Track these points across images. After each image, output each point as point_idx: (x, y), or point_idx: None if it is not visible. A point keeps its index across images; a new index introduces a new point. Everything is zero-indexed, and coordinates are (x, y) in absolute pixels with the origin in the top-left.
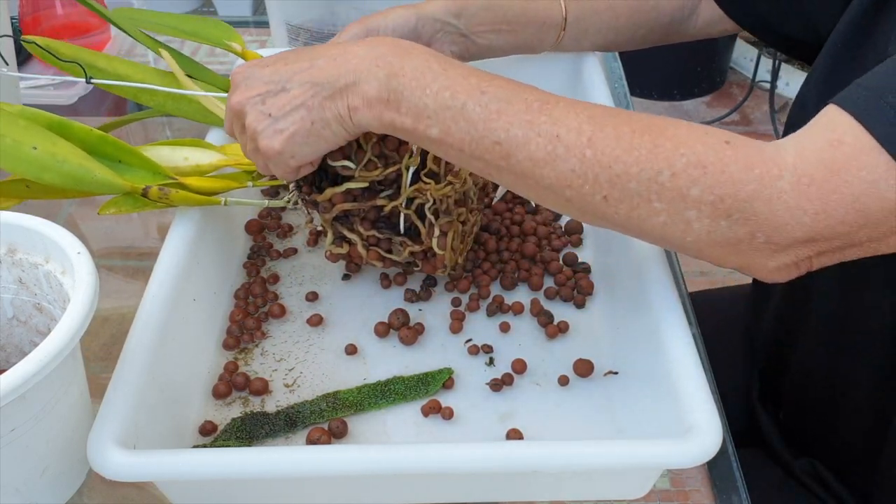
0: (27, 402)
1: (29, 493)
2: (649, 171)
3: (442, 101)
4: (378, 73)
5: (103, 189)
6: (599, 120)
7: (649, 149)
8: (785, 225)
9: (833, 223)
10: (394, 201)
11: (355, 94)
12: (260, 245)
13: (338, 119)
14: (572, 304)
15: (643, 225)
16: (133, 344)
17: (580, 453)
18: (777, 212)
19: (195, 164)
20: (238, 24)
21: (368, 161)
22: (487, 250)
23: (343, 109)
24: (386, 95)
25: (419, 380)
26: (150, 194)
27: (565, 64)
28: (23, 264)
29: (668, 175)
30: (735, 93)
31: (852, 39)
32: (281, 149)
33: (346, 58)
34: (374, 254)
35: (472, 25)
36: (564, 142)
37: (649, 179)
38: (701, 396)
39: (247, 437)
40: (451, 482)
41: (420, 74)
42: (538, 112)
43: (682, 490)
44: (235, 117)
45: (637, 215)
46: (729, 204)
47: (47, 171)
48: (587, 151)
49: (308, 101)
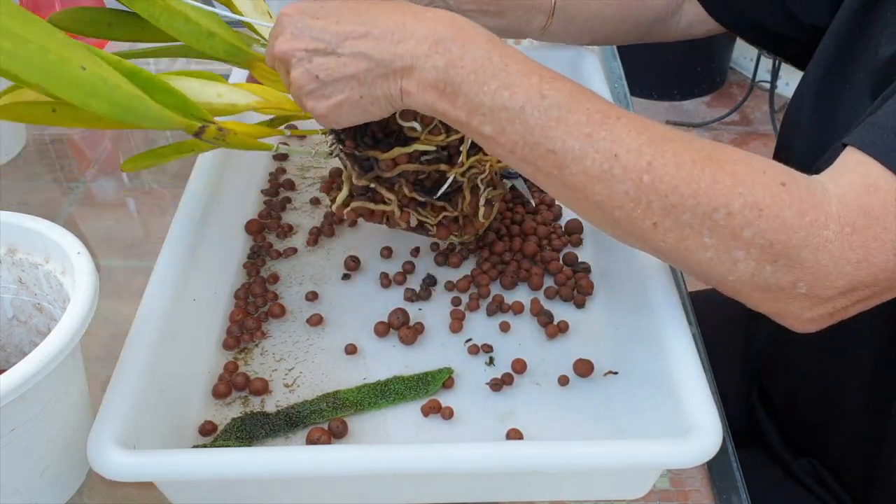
0: (27, 402)
1: (29, 493)
2: (706, 207)
3: (500, 100)
4: (437, 61)
5: (155, 124)
6: (660, 144)
7: (709, 184)
8: (828, 275)
9: (875, 270)
10: (455, 168)
11: (410, 78)
12: (260, 245)
13: (388, 98)
14: (572, 304)
15: (688, 256)
16: (133, 344)
17: (580, 453)
18: (822, 261)
19: (230, 103)
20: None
21: (434, 126)
22: (493, 251)
23: (395, 91)
24: (443, 86)
25: (419, 380)
26: (207, 134)
27: (565, 63)
28: (23, 264)
29: (724, 213)
30: (735, 93)
31: (845, 41)
32: (325, 113)
33: (404, 35)
34: (405, 215)
35: (462, 3)
36: (623, 162)
37: (704, 214)
38: (701, 396)
39: (247, 437)
40: (451, 482)
41: (480, 67)
42: (598, 125)
43: (682, 490)
44: (280, 62)
45: (685, 246)
46: (778, 249)
47: (96, 98)
48: (645, 176)
49: (360, 74)
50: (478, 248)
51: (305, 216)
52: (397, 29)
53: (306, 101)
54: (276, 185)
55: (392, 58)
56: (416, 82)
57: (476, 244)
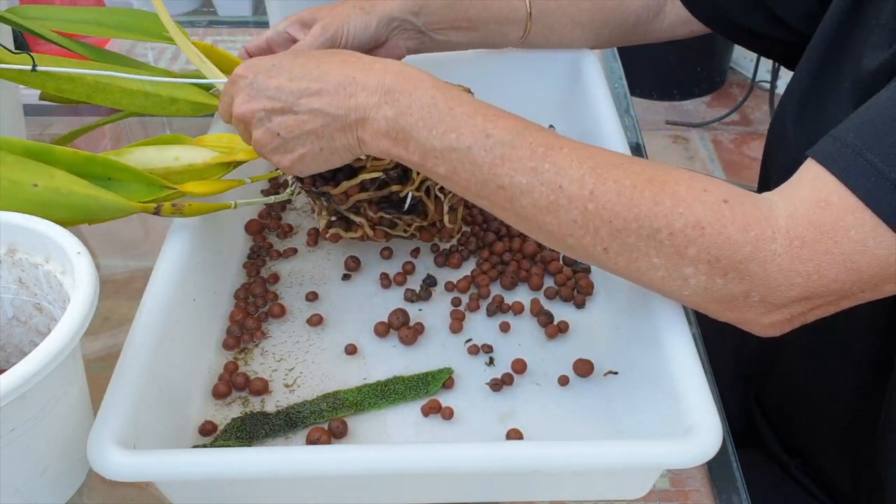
0: (27, 402)
1: (29, 493)
2: (648, 229)
3: (448, 142)
4: (387, 111)
5: (114, 214)
6: (602, 171)
7: (649, 206)
8: (779, 286)
9: (826, 282)
10: (407, 186)
11: (364, 129)
12: (260, 245)
13: (347, 147)
14: (572, 304)
15: (642, 277)
16: (133, 344)
17: (580, 453)
18: (771, 273)
19: (188, 164)
20: (238, 25)
21: None
22: (493, 251)
23: (353, 141)
24: (395, 134)
25: (419, 380)
26: (163, 212)
27: (565, 64)
28: (23, 264)
29: (666, 234)
30: (735, 93)
31: (829, 50)
32: (290, 165)
33: (355, 89)
34: (379, 232)
35: (431, 23)
36: (567, 193)
37: (648, 237)
38: (701, 396)
39: (247, 437)
40: (451, 482)
41: (427, 114)
42: (542, 159)
43: (682, 490)
44: (239, 121)
45: (636, 268)
46: (725, 264)
47: (54, 208)
48: (589, 205)
49: (318, 129)
50: (478, 248)
51: (305, 216)
52: (348, 83)
53: (270, 156)
54: (276, 186)
55: (346, 112)
56: (370, 132)
57: (476, 244)
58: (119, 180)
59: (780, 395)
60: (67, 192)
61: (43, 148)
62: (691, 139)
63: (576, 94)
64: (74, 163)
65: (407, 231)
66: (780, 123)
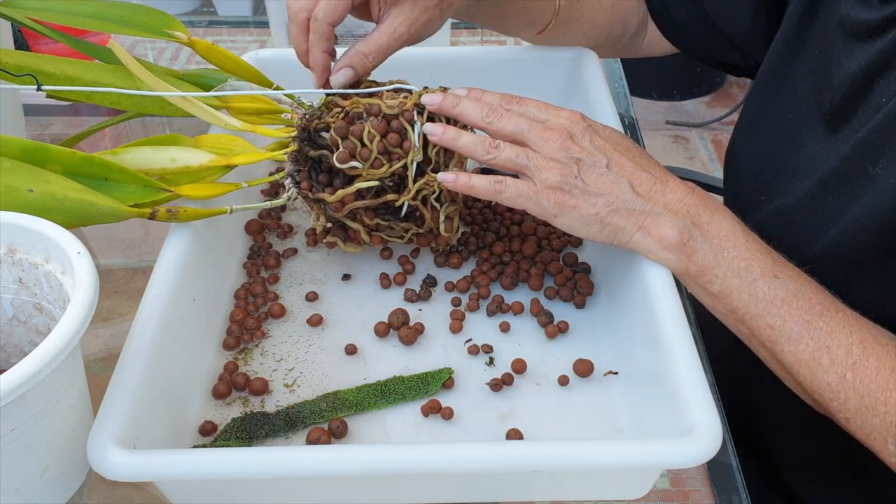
0: (27, 402)
1: (29, 493)
2: (894, 416)
3: (735, 268)
4: (685, 220)
5: (109, 219)
6: (869, 345)
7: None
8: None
9: None
10: (403, 195)
11: (656, 223)
12: (260, 245)
13: (618, 229)
14: (572, 304)
15: (877, 454)
16: (133, 344)
17: (580, 453)
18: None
19: (184, 166)
20: (238, 25)
21: (375, 159)
22: (493, 252)
23: (633, 227)
24: (685, 240)
25: (419, 380)
26: (159, 217)
27: (565, 64)
28: (23, 264)
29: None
30: (735, 93)
31: (772, 84)
32: (555, 205)
33: (665, 188)
34: (376, 238)
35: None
36: (832, 355)
37: (891, 424)
38: (701, 396)
39: (247, 437)
40: (451, 482)
41: (724, 235)
42: (818, 315)
43: (682, 490)
44: (549, 159)
45: (871, 445)
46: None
47: (50, 213)
48: (848, 374)
49: (611, 196)
50: (477, 248)
51: (305, 216)
52: (661, 179)
53: (549, 192)
54: (276, 186)
55: (647, 200)
56: (660, 228)
57: (476, 245)
58: (115, 181)
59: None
60: (63, 198)
61: (39, 147)
62: (691, 139)
63: (576, 94)
64: (71, 163)
65: (403, 237)
66: (732, 160)
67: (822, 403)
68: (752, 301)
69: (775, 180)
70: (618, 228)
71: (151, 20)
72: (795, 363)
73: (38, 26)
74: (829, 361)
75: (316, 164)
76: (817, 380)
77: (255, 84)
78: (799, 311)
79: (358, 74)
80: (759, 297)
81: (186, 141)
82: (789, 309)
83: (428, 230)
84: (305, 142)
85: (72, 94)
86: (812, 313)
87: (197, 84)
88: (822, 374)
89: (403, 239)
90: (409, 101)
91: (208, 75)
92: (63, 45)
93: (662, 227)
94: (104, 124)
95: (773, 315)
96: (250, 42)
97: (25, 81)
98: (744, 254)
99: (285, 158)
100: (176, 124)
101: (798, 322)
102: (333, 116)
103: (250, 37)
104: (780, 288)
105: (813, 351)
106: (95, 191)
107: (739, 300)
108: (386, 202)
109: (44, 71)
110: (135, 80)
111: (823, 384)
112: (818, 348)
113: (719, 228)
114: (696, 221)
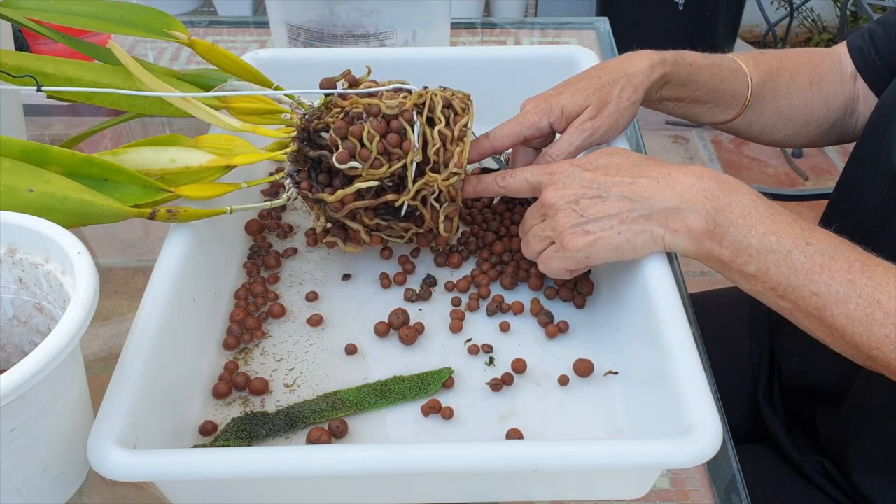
0: (27, 402)
1: (29, 493)
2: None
3: (767, 244)
4: (706, 205)
5: (109, 219)
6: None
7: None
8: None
9: None
10: (403, 195)
11: (678, 219)
12: (260, 245)
13: (651, 238)
14: (572, 304)
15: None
16: (133, 344)
17: (580, 453)
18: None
19: (184, 166)
20: (238, 25)
21: (374, 159)
22: (493, 251)
23: (658, 230)
24: (711, 227)
25: (419, 380)
26: (159, 217)
27: (562, 63)
28: (23, 264)
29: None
30: None
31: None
32: (581, 247)
33: (671, 182)
34: (376, 238)
35: (663, 93)
36: (884, 308)
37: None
38: (701, 396)
39: (247, 437)
40: (451, 482)
41: (747, 213)
42: (860, 273)
43: (682, 490)
44: (545, 208)
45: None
46: None
47: (50, 213)
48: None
49: (622, 213)
50: (477, 248)
51: (305, 216)
52: (662, 177)
53: (566, 236)
54: (276, 186)
55: (657, 199)
56: (684, 222)
57: (476, 244)
58: (115, 181)
59: (788, 389)
60: (63, 198)
61: (39, 148)
62: (691, 139)
63: None
64: (71, 163)
65: (403, 237)
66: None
67: (881, 359)
68: (792, 273)
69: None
70: (647, 234)
71: (151, 20)
72: (849, 324)
73: (38, 27)
74: (882, 315)
75: (316, 165)
76: (874, 335)
77: (255, 84)
78: (840, 272)
79: None
80: (798, 268)
81: (186, 141)
82: (830, 272)
83: (428, 230)
84: (305, 142)
85: (72, 95)
86: (853, 272)
87: (197, 84)
88: (878, 328)
89: (403, 239)
90: (408, 101)
91: (208, 75)
92: (63, 46)
93: (686, 220)
94: (104, 125)
95: (816, 282)
96: (250, 42)
97: (25, 82)
98: (772, 227)
99: (285, 158)
100: (176, 124)
101: (842, 283)
102: (333, 117)
103: (250, 37)
104: (817, 254)
105: (864, 308)
106: (95, 191)
107: (778, 275)
108: (386, 202)
109: (44, 72)
110: (135, 81)
111: (881, 337)
112: (868, 304)
113: (741, 207)
114: (716, 206)
